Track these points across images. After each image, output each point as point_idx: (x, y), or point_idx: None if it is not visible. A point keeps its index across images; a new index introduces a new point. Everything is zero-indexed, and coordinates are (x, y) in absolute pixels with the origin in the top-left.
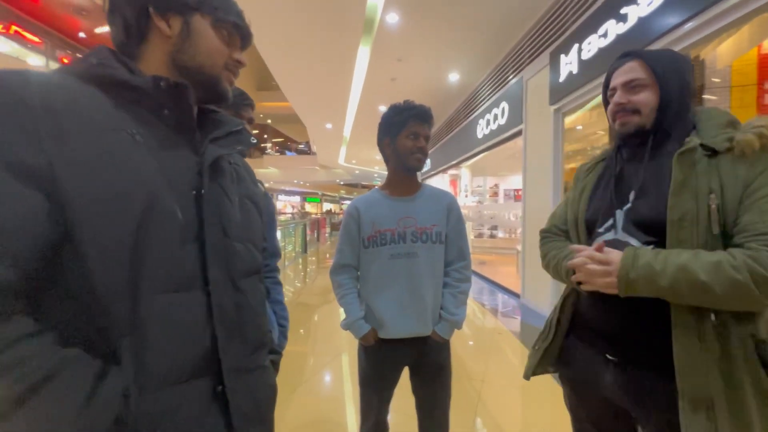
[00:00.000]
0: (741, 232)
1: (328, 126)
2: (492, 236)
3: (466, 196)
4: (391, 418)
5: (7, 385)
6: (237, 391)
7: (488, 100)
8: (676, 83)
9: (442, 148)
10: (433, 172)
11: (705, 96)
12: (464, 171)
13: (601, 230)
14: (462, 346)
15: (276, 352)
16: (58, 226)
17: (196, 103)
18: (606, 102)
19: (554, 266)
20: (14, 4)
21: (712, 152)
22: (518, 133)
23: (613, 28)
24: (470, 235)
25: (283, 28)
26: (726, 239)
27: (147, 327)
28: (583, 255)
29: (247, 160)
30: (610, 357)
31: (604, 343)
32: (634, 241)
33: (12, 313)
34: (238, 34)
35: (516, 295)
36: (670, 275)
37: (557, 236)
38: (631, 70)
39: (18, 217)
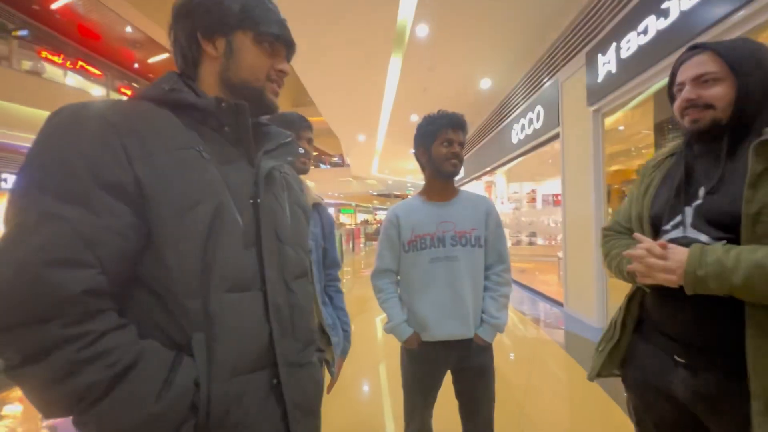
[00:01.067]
0: None
1: (361, 138)
2: (531, 243)
3: (502, 203)
4: (435, 424)
5: (95, 372)
6: (290, 383)
7: (522, 104)
8: (757, 74)
9: (475, 155)
10: (467, 180)
11: None
12: (499, 177)
13: (668, 227)
14: (503, 356)
15: (321, 350)
16: (141, 236)
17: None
18: (672, 98)
19: (616, 266)
20: (80, 42)
21: None
22: (555, 137)
23: (653, 24)
24: (508, 243)
25: (316, 44)
26: None
27: (217, 323)
28: (642, 246)
29: None
30: (678, 359)
31: (672, 345)
32: (704, 238)
33: (99, 310)
34: (281, 44)
35: (559, 304)
36: (743, 272)
37: (620, 234)
38: (702, 64)
39: (110, 230)
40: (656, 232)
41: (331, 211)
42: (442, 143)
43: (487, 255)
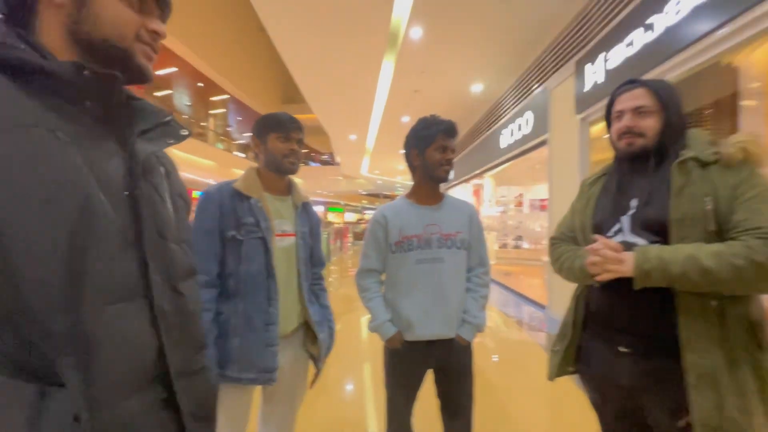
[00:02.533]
0: (734, 228)
1: (352, 137)
2: (517, 247)
3: (490, 206)
4: (416, 423)
5: None
6: (184, 394)
7: (512, 109)
8: (676, 110)
9: (465, 158)
10: (456, 182)
11: (743, 103)
12: (488, 181)
13: (609, 234)
14: (487, 358)
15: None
16: None
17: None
18: (608, 121)
19: (568, 266)
20: None
21: (702, 164)
22: (543, 143)
23: (639, 38)
24: (494, 246)
25: (310, 43)
26: (720, 237)
27: (94, 342)
28: (599, 242)
29: None
30: (622, 349)
31: (616, 337)
32: (641, 241)
33: None
34: (153, 0)
35: (542, 307)
36: (680, 264)
37: (566, 242)
38: (639, 97)
39: None
40: None
41: (321, 209)
42: (436, 149)
43: (470, 257)
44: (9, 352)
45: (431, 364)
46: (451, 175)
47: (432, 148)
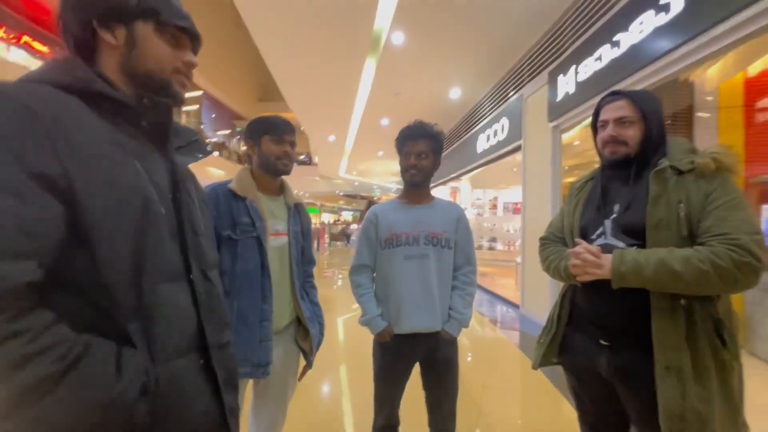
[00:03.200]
0: (703, 234)
1: (331, 138)
2: (491, 248)
3: (466, 208)
4: (402, 414)
5: (46, 366)
6: (218, 362)
7: (489, 115)
8: (656, 120)
9: (443, 161)
10: (433, 184)
11: (698, 114)
12: (464, 183)
13: (593, 237)
14: (462, 356)
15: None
16: (71, 228)
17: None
18: (595, 130)
19: (555, 267)
20: (26, 16)
21: (679, 172)
22: (518, 149)
23: (607, 53)
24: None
25: (291, 40)
26: (692, 240)
27: (153, 312)
28: (581, 247)
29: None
30: (603, 342)
31: (597, 331)
32: (621, 244)
33: (36, 306)
34: (186, 36)
35: (515, 306)
36: (652, 267)
37: (555, 243)
38: (621, 108)
39: (43, 222)
40: (585, 240)
41: None
42: (405, 155)
43: (457, 257)
44: (93, 319)
45: (418, 357)
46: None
47: (403, 156)
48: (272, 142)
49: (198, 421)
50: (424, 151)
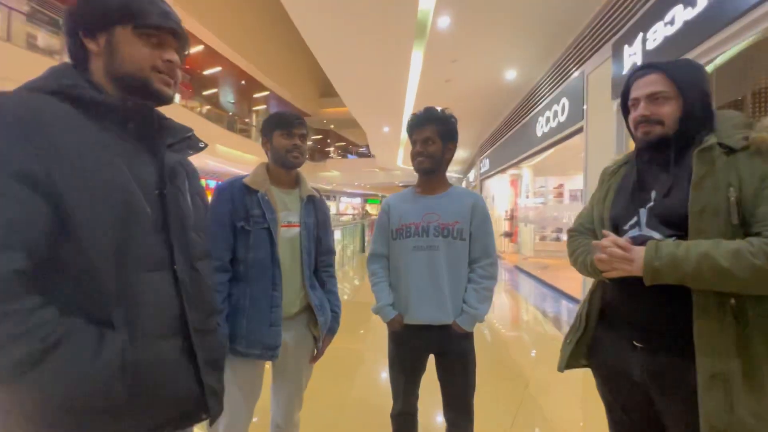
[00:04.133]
0: (758, 222)
1: (386, 129)
2: (557, 239)
3: (528, 197)
4: (424, 405)
5: (27, 345)
6: (199, 345)
7: (548, 96)
8: (698, 93)
9: (501, 147)
10: (492, 172)
11: None
12: (526, 171)
13: (626, 227)
14: (523, 353)
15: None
16: (55, 223)
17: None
18: (625, 110)
19: (581, 261)
20: None
21: (729, 150)
22: (579, 131)
23: (680, 14)
24: (535, 239)
25: (338, 36)
26: (745, 229)
27: (135, 299)
28: (609, 239)
29: (311, 163)
30: (637, 344)
31: (631, 332)
32: (657, 235)
33: (26, 291)
34: (166, 34)
35: (578, 302)
36: (693, 262)
37: (584, 235)
38: (654, 83)
39: (28, 217)
40: (616, 232)
41: (358, 201)
42: (412, 144)
43: (473, 249)
44: (79, 305)
45: (431, 349)
46: (487, 164)
47: (413, 144)
48: (282, 136)
49: (179, 396)
50: (430, 136)
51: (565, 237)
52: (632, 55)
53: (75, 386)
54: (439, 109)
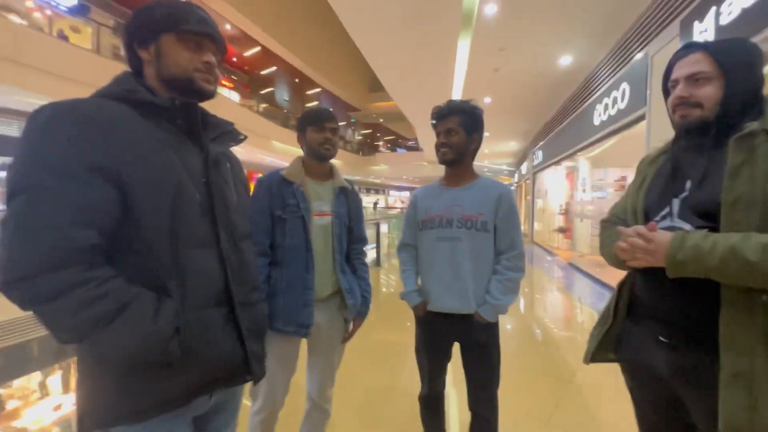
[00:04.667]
0: None
1: (433, 121)
2: None
3: (584, 190)
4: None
5: (104, 306)
6: (242, 315)
7: (607, 81)
8: (743, 74)
9: (555, 138)
10: (545, 164)
11: None
12: (582, 162)
13: (657, 219)
14: (575, 355)
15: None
16: (121, 207)
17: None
18: (666, 92)
19: (608, 251)
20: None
21: None
22: (641, 118)
23: None
24: (593, 235)
25: (383, 29)
26: None
27: (186, 271)
28: (631, 228)
29: (360, 157)
30: (662, 339)
31: (657, 326)
32: (688, 227)
33: (100, 263)
34: (203, 38)
35: None
36: (718, 256)
37: (616, 225)
38: (695, 63)
39: (101, 201)
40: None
41: (406, 194)
42: (436, 136)
43: (500, 241)
44: (141, 275)
45: (454, 337)
46: (539, 156)
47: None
48: (314, 131)
49: (223, 358)
50: (453, 127)
51: None
52: (703, 32)
53: (138, 343)
54: (462, 100)
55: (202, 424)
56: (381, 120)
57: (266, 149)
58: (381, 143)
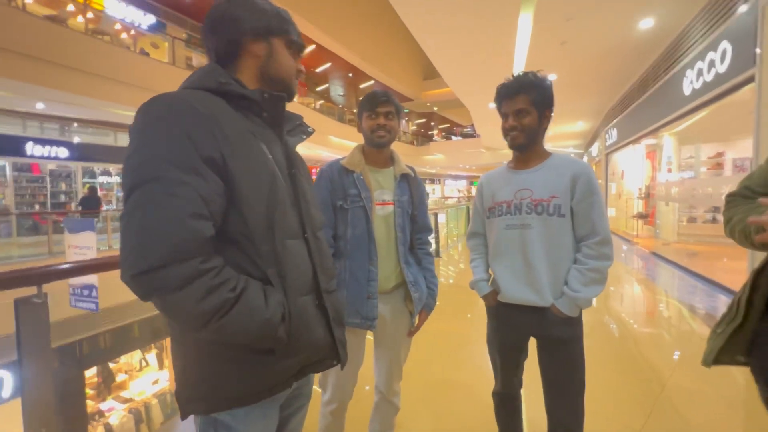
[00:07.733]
0: None
1: (491, 105)
2: (714, 220)
3: (670, 170)
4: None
5: (223, 294)
6: (329, 303)
7: (700, 43)
8: None
9: (633, 114)
10: (621, 144)
11: None
12: (667, 139)
13: None
14: (664, 355)
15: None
16: (227, 198)
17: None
18: None
19: (740, 229)
20: None
21: None
22: (747, 81)
23: None
24: (683, 221)
25: (436, 13)
26: None
27: (283, 261)
28: None
29: (414, 147)
30: None
31: None
32: None
33: (213, 253)
34: (300, 49)
35: None
36: None
37: (746, 199)
38: None
39: (213, 193)
40: None
41: (463, 183)
42: (502, 117)
43: (579, 226)
44: (242, 264)
45: (529, 331)
46: (614, 135)
47: (502, 117)
48: (367, 118)
49: (318, 344)
50: (523, 107)
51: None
52: None
53: (255, 329)
54: (529, 73)
55: (282, 408)
56: (435, 108)
57: (323, 144)
58: (435, 132)
